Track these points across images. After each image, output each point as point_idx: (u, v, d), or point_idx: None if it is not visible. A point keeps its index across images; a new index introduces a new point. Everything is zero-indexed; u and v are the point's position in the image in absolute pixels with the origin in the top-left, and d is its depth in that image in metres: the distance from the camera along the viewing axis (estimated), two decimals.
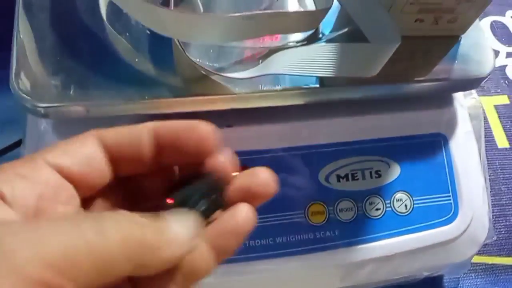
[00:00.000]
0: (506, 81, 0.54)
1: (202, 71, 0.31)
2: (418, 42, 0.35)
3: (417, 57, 0.35)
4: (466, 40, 0.36)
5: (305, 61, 0.30)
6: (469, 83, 0.35)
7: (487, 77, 0.34)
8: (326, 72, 0.29)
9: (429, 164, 0.37)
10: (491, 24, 0.58)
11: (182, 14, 0.28)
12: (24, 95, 0.29)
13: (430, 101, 0.37)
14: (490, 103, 0.52)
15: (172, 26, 0.29)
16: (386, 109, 0.37)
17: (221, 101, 0.32)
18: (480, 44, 0.35)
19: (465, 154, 0.37)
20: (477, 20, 0.36)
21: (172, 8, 0.33)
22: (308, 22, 0.33)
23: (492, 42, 0.56)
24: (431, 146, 0.37)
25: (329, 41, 0.34)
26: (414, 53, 0.35)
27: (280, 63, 0.31)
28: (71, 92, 0.29)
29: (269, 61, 0.31)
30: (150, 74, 0.31)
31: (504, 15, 0.59)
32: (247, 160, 0.35)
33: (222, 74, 0.31)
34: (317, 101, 0.33)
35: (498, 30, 0.58)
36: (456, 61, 0.35)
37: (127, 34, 0.33)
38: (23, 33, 0.31)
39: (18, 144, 0.43)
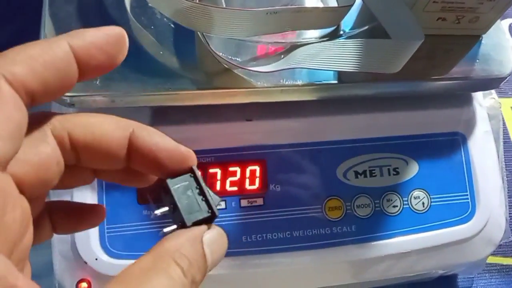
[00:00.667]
0: None
1: (225, 65, 0.32)
2: (440, 40, 0.35)
3: (438, 55, 0.35)
4: (487, 40, 0.36)
5: (328, 56, 0.30)
6: (489, 83, 0.36)
7: (507, 77, 0.34)
8: (349, 67, 0.29)
9: (447, 162, 0.37)
10: (510, 25, 0.58)
11: (207, 7, 0.28)
12: None
13: (450, 100, 0.37)
14: (507, 105, 0.52)
15: (197, 19, 0.29)
16: (406, 107, 0.37)
17: (242, 95, 0.32)
18: (501, 45, 0.35)
19: (483, 154, 0.37)
20: (499, 20, 0.36)
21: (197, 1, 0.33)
22: (331, 18, 0.33)
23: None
24: (450, 144, 0.37)
25: (350, 37, 0.35)
26: (435, 51, 0.35)
27: (303, 58, 0.31)
28: (96, 82, 0.29)
29: (292, 55, 0.32)
30: (173, 67, 0.32)
31: None
32: (266, 154, 0.35)
33: (245, 67, 0.31)
34: (336, 96, 0.34)
35: None
36: (477, 61, 0.35)
37: (152, 27, 0.33)
38: (49, 23, 0.32)
39: None
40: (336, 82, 0.33)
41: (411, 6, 0.32)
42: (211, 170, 0.34)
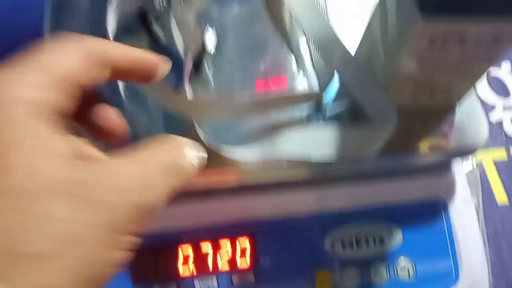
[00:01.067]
0: (504, 135, 0.55)
1: (212, 149, 0.33)
2: (415, 112, 0.36)
3: (414, 127, 0.37)
4: (461, 109, 0.38)
5: (309, 143, 0.32)
6: (465, 152, 0.37)
7: (481, 146, 0.36)
8: (329, 154, 0.31)
9: (430, 229, 0.38)
10: (488, 77, 0.60)
11: (195, 101, 0.30)
12: None
13: (429, 168, 0.39)
14: (489, 158, 0.54)
15: (188, 110, 0.31)
16: (387, 176, 0.38)
17: (231, 175, 0.34)
18: (475, 113, 0.37)
19: (464, 218, 0.39)
20: (472, 89, 0.38)
21: (187, 82, 0.35)
22: (305, 100, 0.36)
23: (488, 95, 0.59)
24: (431, 211, 0.39)
25: (332, 117, 0.36)
26: (411, 123, 0.37)
27: (286, 145, 0.33)
28: None
29: (275, 142, 0.33)
30: None
31: (500, 67, 0.61)
32: (255, 227, 0.36)
33: (229, 152, 0.33)
34: (325, 176, 0.35)
35: (494, 82, 0.60)
36: (452, 131, 0.37)
37: (144, 112, 0.35)
38: None
39: None
40: (321, 162, 0.34)
41: (385, 87, 0.33)
42: (202, 248, 0.35)
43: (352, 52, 0.36)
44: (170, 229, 0.36)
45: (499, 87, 0.60)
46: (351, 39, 0.36)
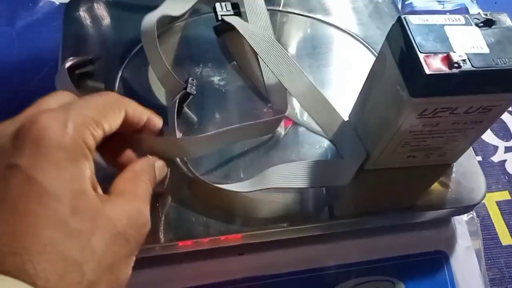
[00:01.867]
0: (506, 176, 0.56)
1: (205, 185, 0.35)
2: (411, 171, 0.38)
3: (412, 183, 0.38)
4: (459, 167, 0.39)
5: (291, 175, 0.35)
6: (463, 210, 0.38)
7: (479, 203, 0.37)
8: (307, 184, 0.35)
9: (431, 280, 0.39)
10: None
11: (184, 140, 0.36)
12: None
13: (430, 221, 0.40)
14: (491, 199, 0.54)
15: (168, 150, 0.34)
16: (388, 231, 0.39)
17: (233, 241, 0.35)
18: (471, 171, 0.38)
19: (466, 268, 0.40)
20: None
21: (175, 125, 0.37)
22: (267, 129, 0.39)
23: (490, 137, 0.59)
24: (433, 263, 0.39)
25: None
26: (409, 179, 0.38)
27: (272, 179, 0.35)
28: None
29: (264, 175, 0.35)
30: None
31: None
32: (259, 285, 0.37)
33: (221, 186, 0.35)
34: (327, 233, 0.36)
35: (496, 124, 0.60)
36: (450, 188, 0.38)
37: None
38: None
39: None
40: (322, 220, 0.36)
41: (382, 150, 0.35)
42: None
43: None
44: None
45: (501, 129, 0.60)
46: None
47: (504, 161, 0.58)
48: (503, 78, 0.28)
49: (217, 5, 0.44)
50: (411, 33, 0.28)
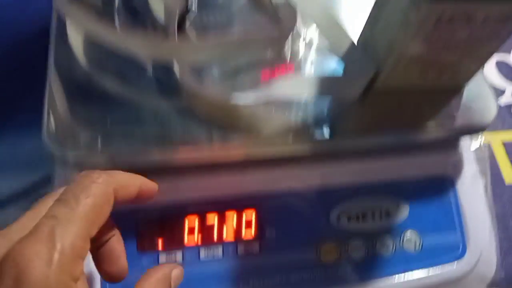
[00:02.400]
0: None
1: (211, 98, 0.33)
2: (422, 93, 0.36)
3: (422, 106, 0.37)
4: (469, 88, 0.37)
5: (299, 86, 0.34)
6: (472, 131, 0.37)
7: (488, 125, 0.36)
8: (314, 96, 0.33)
9: (437, 204, 0.38)
10: (497, 62, 0.60)
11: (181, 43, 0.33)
12: (54, 144, 0.31)
13: (437, 144, 0.39)
14: (498, 139, 0.53)
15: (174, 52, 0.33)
16: (395, 153, 0.38)
17: (235, 151, 0.34)
18: (482, 93, 0.37)
19: (471, 194, 0.39)
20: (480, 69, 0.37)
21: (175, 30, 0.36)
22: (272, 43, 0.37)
23: (498, 80, 0.58)
24: (439, 187, 0.39)
25: None
26: (419, 102, 0.37)
27: (278, 88, 0.34)
28: (98, 146, 0.31)
29: (269, 86, 0.34)
30: (172, 125, 0.33)
31: (510, 53, 0.61)
32: (261, 200, 0.37)
33: (231, 96, 0.33)
34: (329, 151, 0.35)
35: (504, 67, 0.59)
36: (460, 109, 0.36)
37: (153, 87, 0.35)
38: (55, 85, 0.33)
39: (45, 183, 0.45)
40: (327, 138, 0.34)
41: (393, 65, 0.33)
42: (208, 219, 0.35)
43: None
44: (178, 201, 0.36)
45: (508, 72, 0.59)
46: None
47: (511, 103, 0.57)
48: None
49: None
50: None
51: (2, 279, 0.20)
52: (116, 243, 0.27)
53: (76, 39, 0.35)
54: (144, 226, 0.35)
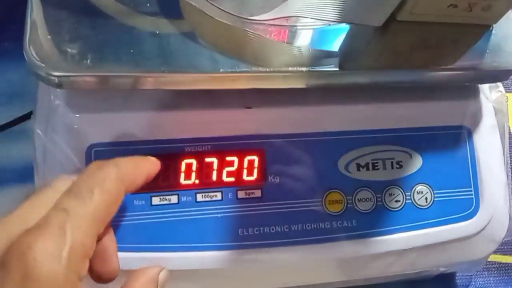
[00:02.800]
0: None
1: (218, 18, 0.30)
2: (449, 29, 0.33)
3: (446, 45, 0.34)
4: (498, 30, 0.34)
5: (320, 6, 0.29)
6: (498, 75, 0.34)
7: None
8: (336, 18, 0.29)
9: (451, 157, 0.36)
10: None
11: None
12: (38, 63, 0.27)
13: (455, 92, 0.36)
14: None
15: None
16: (410, 98, 0.35)
17: (243, 80, 0.30)
18: (511, 36, 0.34)
19: (488, 148, 0.36)
20: (510, 11, 0.34)
21: None
22: None
23: None
24: (455, 138, 0.36)
25: None
26: (443, 40, 0.33)
27: (296, 6, 0.30)
28: (87, 62, 0.27)
29: (286, 4, 0.30)
30: (171, 47, 0.30)
31: None
32: (265, 143, 0.34)
33: (240, 15, 0.30)
34: (338, 84, 0.32)
35: None
36: (486, 52, 0.34)
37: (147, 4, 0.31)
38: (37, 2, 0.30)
39: (28, 116, 0.42)
40: (337, 69, 0.31)
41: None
42: (207, 160, 0.32)
43: None
44: (175, 139, 0.32)
45: None
46: None
47: None
48: None
49: None
50: None
51: (8, 273, 0.19)
52: (109, 241, 0.26)
53: None
54: None
